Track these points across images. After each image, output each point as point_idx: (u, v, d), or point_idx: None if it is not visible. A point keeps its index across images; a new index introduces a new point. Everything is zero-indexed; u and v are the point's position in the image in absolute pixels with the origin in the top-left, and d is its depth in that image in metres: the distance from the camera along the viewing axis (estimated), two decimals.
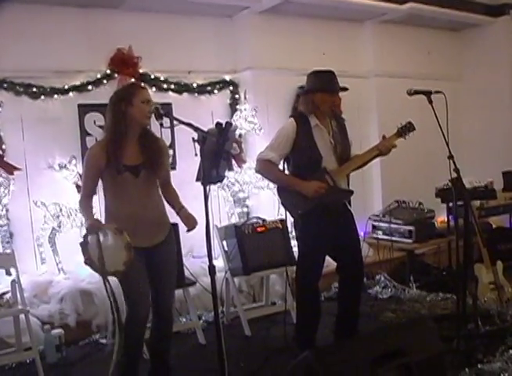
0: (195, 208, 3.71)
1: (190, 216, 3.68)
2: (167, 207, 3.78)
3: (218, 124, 3.01)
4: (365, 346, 2.89)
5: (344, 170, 4.20)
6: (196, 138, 3.03)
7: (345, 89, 4.26)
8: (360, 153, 4.30)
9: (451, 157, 3.93)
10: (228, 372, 2.98)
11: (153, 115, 3.42)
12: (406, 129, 4.22)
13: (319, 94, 4.13)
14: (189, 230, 3.65)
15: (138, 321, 3.54)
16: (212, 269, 3.00)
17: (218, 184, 5.14)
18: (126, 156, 3.49)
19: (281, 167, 4.27)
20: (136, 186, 3.52)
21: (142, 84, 4.77)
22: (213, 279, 3.02)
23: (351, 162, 4.23)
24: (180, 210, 3.71)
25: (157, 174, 3.61)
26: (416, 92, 4.04)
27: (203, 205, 2.99)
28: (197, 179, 3.11)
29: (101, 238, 3.31)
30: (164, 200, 3.76)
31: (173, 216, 3.78)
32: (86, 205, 3.58)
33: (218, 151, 2.99)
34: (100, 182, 3.59)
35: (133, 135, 3.52)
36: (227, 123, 3.06)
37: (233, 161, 6.19)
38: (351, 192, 4.29)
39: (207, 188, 3.03)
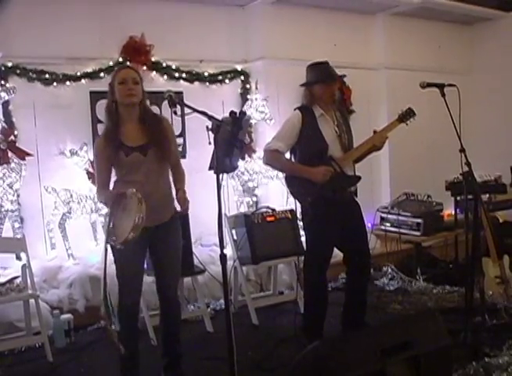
0: (204, 197, 3.71)
1: (184, 199, 3.62)
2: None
3: (232, 113, 3.00)
4: (374, 338, 2.89)
5: (349, 157, 4.21)
6: (209, 126, 3.03)
7: (343, 76, 4.36)
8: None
9: (463, 150, 3.91)
10: (236, 360, 3.00)
11: (166, 102, 3.42)
12: (407, 115, 4.26)
13: (317, 86, 4.20)
14: (181, 211, 3.64)
15: (129, 302, 3.61)
16: (223, 258, 3.00)
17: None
18: (129, 138, 3.52)
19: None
20: (146, 164, 3.52)
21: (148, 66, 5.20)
22: (224, 268, 3.02)
23: (353, 150, 4.25)
24: (178, 191, 3.67)
25: (165, 153, 3.58)
26: (429, 85, 4.02)
27: (216, 194, 2.95)
28: (210, 168, 3.10)
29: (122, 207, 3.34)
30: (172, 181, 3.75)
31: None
32: (105, 192, 3.57)
33: (232, 140, 2.99)
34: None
35: (129, 117, 3.54)
36: (241, 112, 3.06)
37: None
38: (359, 177, 4.30)
39: (220, 177, 3.01)
